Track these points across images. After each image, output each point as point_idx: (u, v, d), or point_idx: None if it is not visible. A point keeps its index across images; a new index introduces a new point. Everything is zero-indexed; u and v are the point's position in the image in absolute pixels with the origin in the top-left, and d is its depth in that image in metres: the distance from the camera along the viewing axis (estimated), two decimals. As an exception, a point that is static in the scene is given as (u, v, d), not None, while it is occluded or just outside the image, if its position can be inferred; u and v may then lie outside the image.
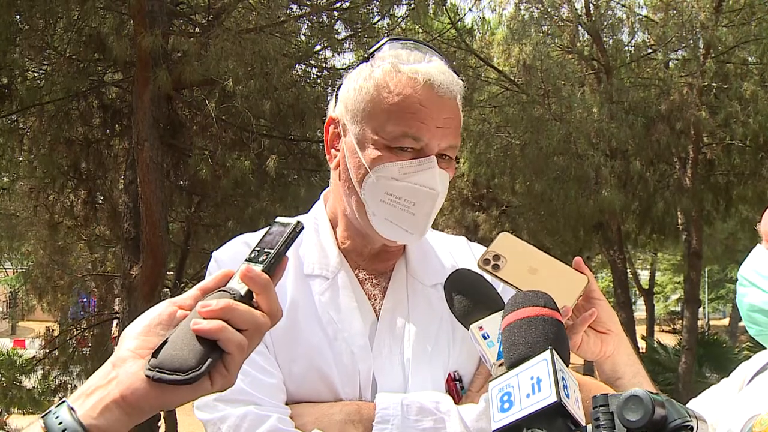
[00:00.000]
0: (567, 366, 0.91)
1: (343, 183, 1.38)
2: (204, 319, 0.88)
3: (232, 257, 1.36)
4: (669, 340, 20.28)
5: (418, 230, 1.34)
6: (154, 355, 0.87)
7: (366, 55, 1.40)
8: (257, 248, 0.98)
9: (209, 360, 0.86)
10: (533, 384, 0.87)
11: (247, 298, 0.92)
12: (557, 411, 0.84)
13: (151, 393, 0.86)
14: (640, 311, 25.25)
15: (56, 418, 0.86)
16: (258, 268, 0.94)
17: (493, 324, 1.20)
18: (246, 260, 0.96)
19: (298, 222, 0.99)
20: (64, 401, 0.88)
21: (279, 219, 1.02)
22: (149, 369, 0.86)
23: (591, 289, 1.32)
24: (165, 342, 0.88)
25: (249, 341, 0.90)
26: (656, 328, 24.68)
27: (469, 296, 1.26)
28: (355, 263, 1.43)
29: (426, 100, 1.29)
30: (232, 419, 1.23)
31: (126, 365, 0.88)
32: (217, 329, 0.87)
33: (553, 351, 0.89)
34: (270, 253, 0.96)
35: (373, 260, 1.44)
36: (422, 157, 1.30)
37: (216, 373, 0.88)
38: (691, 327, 13.33)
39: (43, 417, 0.87)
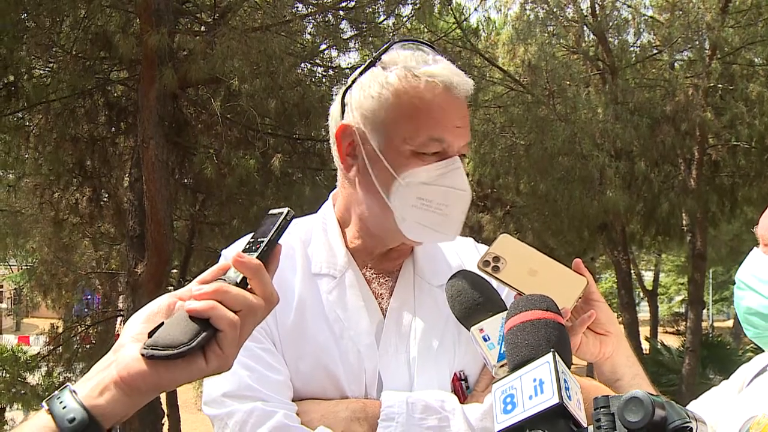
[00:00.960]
0: (569, 368, 0.92)
1: (364, 190, 1.38)
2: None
3: None
4: (673, 342, 20.25)
5: (452, 231, 1.36)
6: (150, 336, 0.91)
7: (372, 59, 1.41)
8: (251, 240, 1.01)
9: (201, 335, 0.89)
10: (536, 386, 0.88)
11: (243, 285, 0.95)
12: (559, 412, 0.86)
13: (147, 372, 0.88)
14: (643, 312, 25.20)
15: (59, 400, 0.89)
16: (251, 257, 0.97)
17: (493, 326, 1.21)
18: (241, 251, 0.99)
19: (289, 210, 1.02)
20: (66, 386, 0.91)
21: (271, 210, 1.05)
22: (144, 348, 0.89)
23: (590, 291, 1.34)
24: (161, 325, 0.92)
25: (243, 321, 0.92)
26: (660, 329, 24.68)
27: (470, 298, 1.27)
28: (362, 262, 1.44)
29: (445, 103, 1.32)
30: (239, 415, 1.25)
31: (124, 349, 0.92)
32: (207, 307, 0.90)
33: (555, 353, 0.91)
34: (263, 242, 0.99)
35: (381, 260, 1.45)
36: (444, 158, 1.32)
37: (210, 352, 0.90)
38: (695, 328, 13.30)
39: (47, 401, 0.90)
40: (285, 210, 1.02)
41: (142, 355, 0.88)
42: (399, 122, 1.32)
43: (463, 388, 1.36)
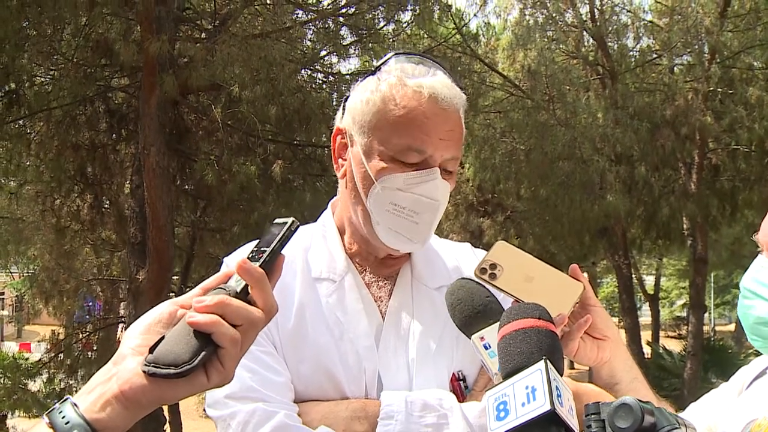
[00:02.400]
0: (561, 376, 0.93)
1: (350, 192, 1.42)
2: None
3: None
4: (674, 346, 20.20)
5: (420, 239, 1.39)
6: (151, 351, 0.90)
7: (373, 69, 1.44)
8: (255, 248, 1.01)
9: (202, 354, 0.89)
10: (528, 393, 0.89)
11: (243, 294, 0.95)
12: (551, 419, 0.87)
13: (148, 388, 0.88)
14: (645, 317, 25.17)
15: (60, 413, 0.89)
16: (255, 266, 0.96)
17: (494, 334, 1.21)
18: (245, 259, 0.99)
19: (294, 221, 1.02)
20: (67, 398, 0.91)
21: (277, 220, 1.04)
22: (145, 364, 0.88)
23: (587, 296, 1.34)
24: (162, 338, 0.91)
25: (243, 336, 0.92)
26: (661, 333, 24.60)
27: (470, 306, 1.27)
28: (361, 267, 1.47)
29: (430, 113, 1.33)
30: (242, 415, 1.27)
31: (125, 362, 0.91)
32: (210, 323, 0.90)
33: (548, 361, 0.92)
34: (266, 251, 0.99)
35: (380, 264, 1.47)
36: (425, 168, 1.34)
37: (212, 368, 0.91)
38: (697, 332, 13.29)
39: (47, 414, 0.90)
40: (290, 220, 1.02)
41: (144, 372, 0.88)
42: (381, 127, 1.35)
43: (461, 388, 1.38)
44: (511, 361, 0.96)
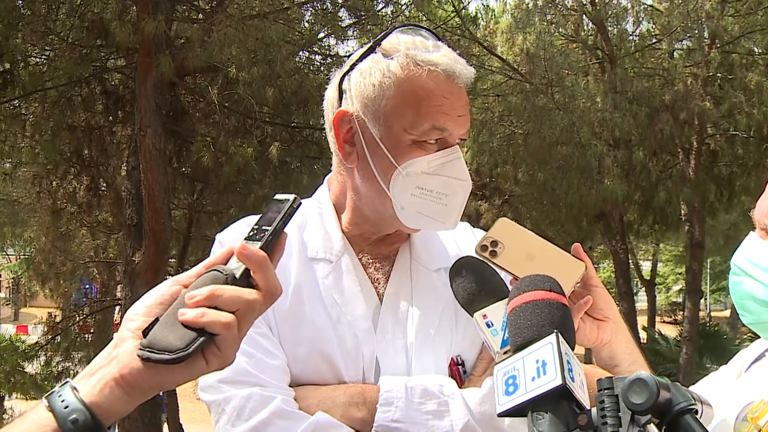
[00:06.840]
0: (573, 349, 0.91)
1: (362, 177, 1.37)
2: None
3: (235, 239, 1.36)
4: (670, 331, 20.32)
5: (451, 220, 1.36)
6: (145, 334, 0.88)
7: (372, 44, 1.38)
8: (256, 226, 0.98)
9: (198, 341, 0.87)
10: (538, 367, 0.87)
11: (245, 277, 0.92)
12: (562, 394, 0.85)
13: (147, 372, 0.87)
14: (641, 302, 25.27)
15: (59, 396, 0.88)
16: (255, 246, 0.93)
17: (497, 312, 1.20)
18: (245, 239, 0.96)
19: (296, 198, 0.99)
20: (67, 382, 0.90)
21: (277, 196, 1.01)
22: (140, 349, 0.87)
23: (588, 276, 1.32)
24: (156, 321, 0.89)
25: (241, 320, 0.90)
26: (657, 318, 24.76)
27: (473, 284, 1.26)
28: (359, 247, 1.43)
29: (447, 92, 1.31)
30: (237, 400, 1.24)
31: (125, 345, 0.90)
32: (198, 317, 0.88)
33: (559, 334, 0.90)
34: (267, 230, 0.96)
35: (378, 245, 1.44)
36: (445, 147, 1.32)
37: (210, 353, 0.89)
38: (693, 318, 13.35)
39: (46, 397, 0.89)
40: (291, 197, 0.99)
41: (138, 356, 0.87)
42: (401, 111, 1.31)
43: (460, 373, 1.35)
44: (521, 334, 0.94)
